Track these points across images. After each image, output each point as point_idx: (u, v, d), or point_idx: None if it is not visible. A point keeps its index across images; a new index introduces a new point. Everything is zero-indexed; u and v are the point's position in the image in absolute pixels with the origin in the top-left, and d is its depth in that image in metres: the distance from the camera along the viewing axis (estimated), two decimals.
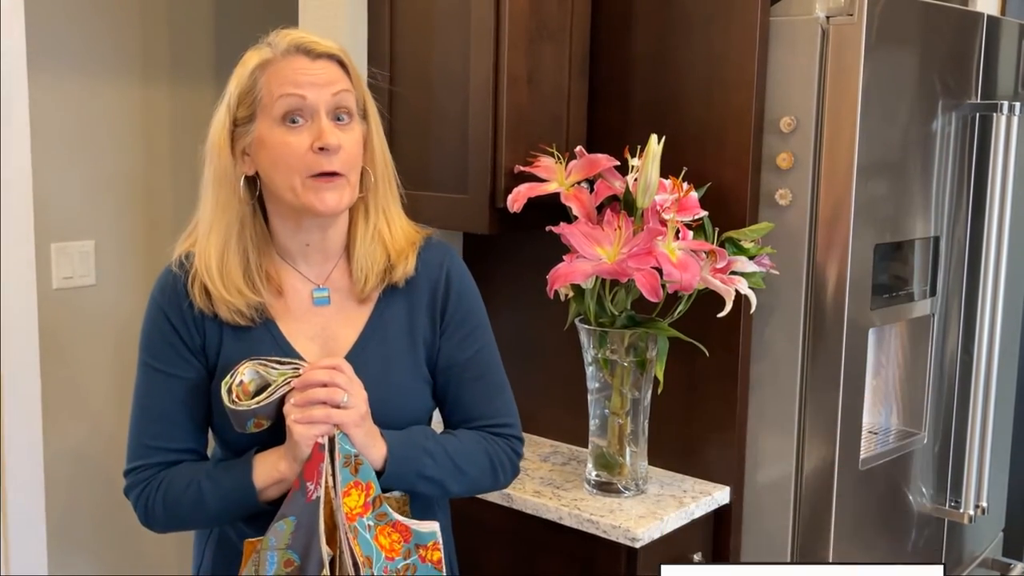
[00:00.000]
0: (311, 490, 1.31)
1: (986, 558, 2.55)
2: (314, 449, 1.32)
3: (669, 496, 1.92)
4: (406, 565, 1.37)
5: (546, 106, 1.96)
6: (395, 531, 1.36)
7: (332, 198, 1.35)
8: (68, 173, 2.47)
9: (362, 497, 1.33)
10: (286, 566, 1.32)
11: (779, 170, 1.89)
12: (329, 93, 1.35)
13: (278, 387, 1.34)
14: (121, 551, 2.67)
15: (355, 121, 1.39)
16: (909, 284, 2.08)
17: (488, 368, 1.52)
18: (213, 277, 1.38)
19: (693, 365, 1.96)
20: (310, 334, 1.44)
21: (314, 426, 1.31)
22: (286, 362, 1.37)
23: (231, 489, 1.38)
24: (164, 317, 1.43)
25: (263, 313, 1.41)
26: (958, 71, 2.10)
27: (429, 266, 1.49)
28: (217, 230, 1.39)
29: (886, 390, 2.20)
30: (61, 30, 2.42)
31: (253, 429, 1.35)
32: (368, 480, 1.34)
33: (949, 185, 2.12)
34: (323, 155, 1.34)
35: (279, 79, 1.35)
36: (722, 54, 1.89)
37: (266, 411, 1.34)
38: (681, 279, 1.70)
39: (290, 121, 1.34)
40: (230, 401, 1.33)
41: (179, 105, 2.67)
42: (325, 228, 1.43)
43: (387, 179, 1.46)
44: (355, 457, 1.34)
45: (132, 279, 2.62)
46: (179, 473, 1.42)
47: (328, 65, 1.37)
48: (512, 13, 1.86)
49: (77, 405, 2.53)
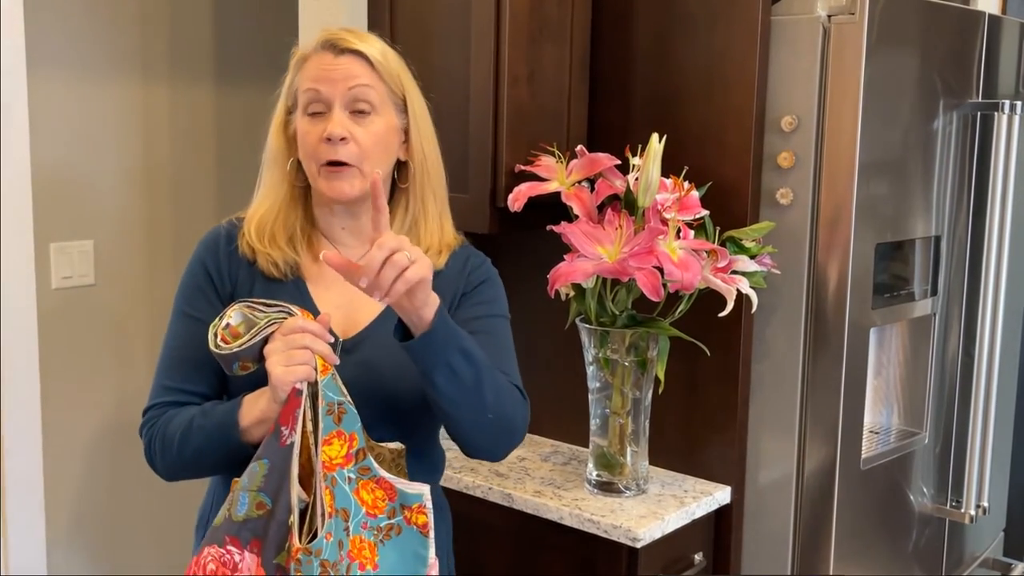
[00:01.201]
0: (285, 435, 1.30)
1: (987, 558, 2.54)
2: (291, 394, 1.30)
3: (670, 496, 1.92)
4: (389, 525, 1.35)
5: (547, 105, 1.96)
6: (379, 487, 1.34)
7: (339, 186, 1.44)
8: (67, 173, 2.47)
9: (344, 448, 1.32)
10: (258, 508, 1.31)
11: (780, 169, 1.89)
12: (345, 87, 1.43)
13: (261, 329, 1.33)
14: (121, 551, 2.66)
15: (377, 115, 1.45)
16: (910, 284, 2.08)
17: (498, 332, 1.55)
18: (263, 236, 1.48)
19: (694, 365, 1.96)
20: (337, 303, 1.48)
21: (292, 370, 1.29)
22: (273, 305, 1.36)
23: (217, 425, 1.40)
24: (201, 264, 1.51)
25: (296, 271, 1.49)
26: (959, 70, 2.10)
27: (460, 264, 1.55)
28: (266, 204, 1.51)
29: (887, 390, 2.20)
30: (60, 29, 2.42)
31: (240, 372, 1.34)
32: (352, 431, 1.32)
33: (950, 184, 2.12)
34: (329, 145, 1.42)
35: (305, 74, 1.47)
36: (723, 53, 1.89)
37: (250, 353, 1.33)
38: (682, 278, 1.70)
39: (311, 113, 1.45)
40: (215, 345, 1.33)
41: (179, 104, 2.67)
42: (355, 215, 1.50)
43: (427, 172, 1.52)
44: (339, 405, 1.32)
45: (131, 279, 2.62)
46: (182, 411, 1.45)
47: (351, 61, 1.44)
48: (512, 12, 1.86)
49: (76, 405, 2.52)
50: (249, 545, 1.31)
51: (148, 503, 2.67)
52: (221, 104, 2.75)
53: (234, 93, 2.77)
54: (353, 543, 1.31)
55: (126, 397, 2.60)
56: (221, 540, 1.32)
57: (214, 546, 1.32)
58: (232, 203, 2.78)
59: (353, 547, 1.31)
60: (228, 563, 1.32)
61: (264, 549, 1.31)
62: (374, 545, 1.34)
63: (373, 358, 1.45)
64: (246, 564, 1.31)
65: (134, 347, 2.62)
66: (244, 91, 2.79)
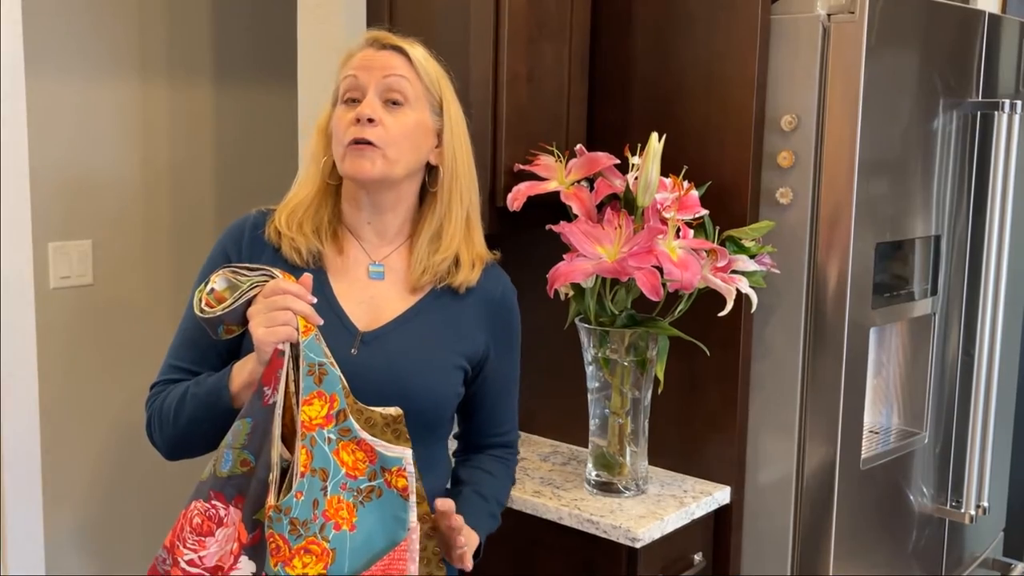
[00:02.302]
0: (267, 395, 1.31)
1: (987, 558, 2.54)
2: (273, 355, 1.31)
3: (669, 496, 1.91)
4: (370, 487, 1.35)
5: (546, 104, 1.96)
6: (360, 449, 1.34)
7: (360, 164, 1.45)
8: (65, 172, 2.46)
9: (324, 408, 1.32)
10: (242, 465, 1.32)
11: (780, 168, 1.88)
12: (381, 75, 1.47)
13: (243, 292, 1.34)
14: (119, 551, 2.66)
15: (410, 108, 1.48)
16: (910, 283, 2.07)
17: (516, 383, 1.66)
18: (282, 221, 1.51)
19: (694, 364, 1.95)
20: (359, 299, 1.51)
21: (273, 330, 1.30)
22: (256, 269, 1.37)
23: (208, 391, 1.41)
24: (222, 250, 1.54)
25: (318, 261, 1.51)
26: (959, 69, 2.10)
27: (489, 281, 1.58)
28: (300, 195, 1.53)
29: (887, 390, 2.20)
30: (59, 29, 2.42)
31: (225, 336, 1.35)
32: (332, 392, 1.33)
33: (950, 184, 2.12)
34: (357, 126, 1.45)
35: (347, 66, 1.51)
36: (723, 52, 1.89)
37: (234, 317, 1.34)
38: (682, 278, 1.70)
39: (346, 98, 1.48)
40: (199, 309, 1.33)
41: (177, 104, 2.67)
42: (381, 210, 1.52)
43: (456, 177, 1.54)
44: (319, 367, 1.32)
45: (130, 279, 2.61)
46: (180, 384, 1.47)
47: (391, 55, 1.49)
48: (512, 11, 1.85)
49: (75, 405, 2.52)
50: (233, 500, 1.33)
51: (147, 503, 2.67)
52: (220, 103, 2.74)
53: (233, 92, 2.77)
54: (330, 503, 1.31)
55: (125, 397, 2.59)
56: (206, 494, 1.33)
57: (200, 500, 1.33)
58: (231, 202, 2.80)
59: (330, 507, 1.31)
60: (213, 517, 1.33)
61: (246, 505, 1.32)
62: (353, 506, 1.34)
63: (392, 353, 1.47)
64: (230, 519, 1.33)
65: (132, 347, 2.61)
66: (243, 90, 2.78)
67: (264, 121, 2.79)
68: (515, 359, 1.64)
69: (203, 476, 1.34)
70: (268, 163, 2.75)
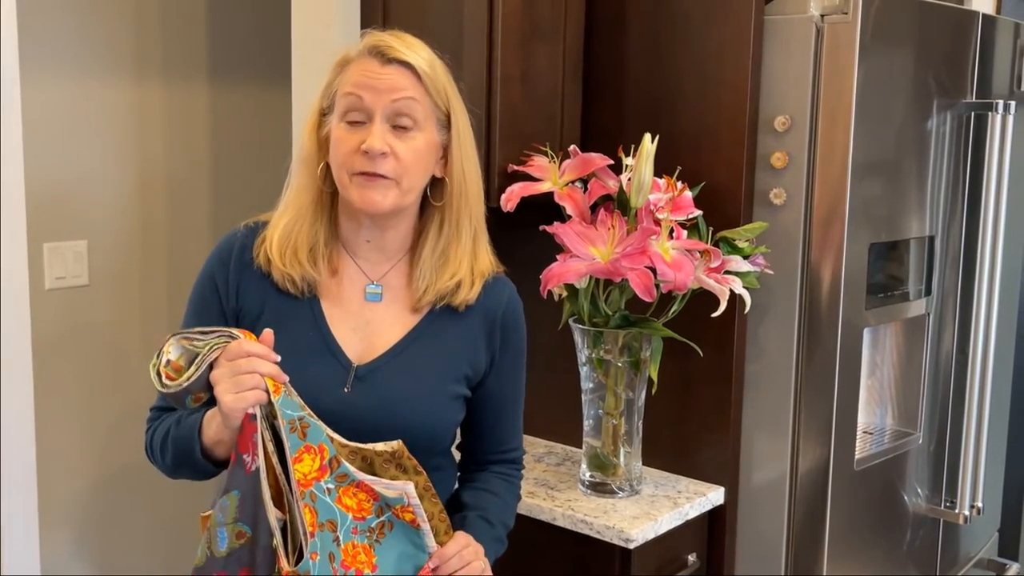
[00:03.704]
0: (248, 462, 1.28)
1: (981, 558, 2.54)
2: (245, 420, 1.27)
3: (663, 497, 1.91)
4: (380, 523, 1.33)
5: (540, 105, 1.96)
6: (360, 491, 1.32)
7: (372, 196, 1.37)
8: (61, 172, 2.46)
9: (316, 461, 1.29)
10: (239, 538, 1.29)
11: (774, 169, 1.89)
12: (389, 99, 1.37)
13: (205, 357, 1.29)
14: (115, 551, 2.66)
15: (419, 130, 1.39)
16: (904, 284, 2.08)
17: (521, 400, 1.60)
18: (284, 248, 1.42)
19: (687, 365, 1.95)
20: (353, 324, 1.44)
21: (242, 396, 1.25)
22: (210, 331, 1.32)
23: (184, 438, 1.38)
24: (210, 276, 1.47)
25: (313, 289, 1.44)
26: (953, 70, 2.10)
27: (490, 297, 1.51)
28: (293, 208, 1.44)
29: (881, 390, 2.20)
30: (54, 29, 2.41)
31: (193, 404, 1.32)
32: (319, 442, 1.30)
33: (944, 184, 2.12)
34: (367, 158, 1.36)
35: (347, 78, 1.39)
36: (716, 53, 1.89)
37: (199, 385, 1.29)
38: (675, 279, 1.70)
39: (349, 119, 1.38)
40: (161, 384, 1.29)
41: (173, 104, 2.67)
42: (383, 228, 1.45)
43: (465, 194, 1.46)
44: (300, 420, 1.29)
45: (125, 279, 2.61)
46: (169, 417, 1.44)
47: (398, 71, 1.38)
48: (505, 12, 1.85)
49: (70, 406, 2.52)
50: (239, 575, 1.30)
51: (143, 503, 2.67)
52: (215, 103, 2.74)
53: (228, 92, 2.77)
54: (346, 551, 1.30)
55: (120, 397, 2.59)
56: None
57: None
58: (227, 202, 2.80)
59: (346, 555, 1.30)
60: None
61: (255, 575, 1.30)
62: (369, 547, 1.33)
63: (388, 386, 1.42)
64: None
65: (128, 347, 2.61)
66: (238, 90, 2.78)
67: (259, 121, 2.79)
68: (519, 376, 1.57)
69: (198, 562, 1.32)
70: (264, 163, 2.75)
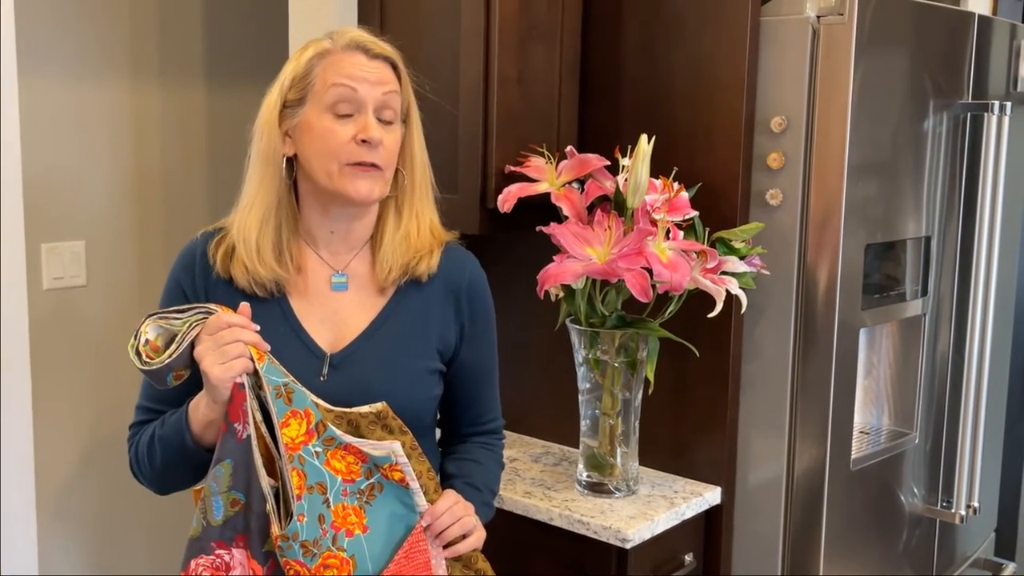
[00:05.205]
0: (239, 430, 1.31)
1: (978, 558, 2.55)
2: (234, 389, 1.30)
3: (660, 497, 1.92)
4: (370, 485, 1.35)
5: (537, 106, 1.96)
6: (348, 453, 1.34)
7: (365, 187, 1.41)
8: (59, 173, 2.47)
9: (303, 425, 1.32)
10: (233, 505, 1.32)
11: (770, 170, 1.89)
12: (380, 92, 1.42)
13: (185, 334, 1.32)
14: (113, 551, 2.66)
15: (398, 123, 1.46)
16: (900, 284, 2.08)
17: (495, 370, 1.63)
18: (250, 249, 1.43)
19: (684, 365, 1.96)
20: (321, 316, 1.47)
21: (229, 365, 1.29)
22: (187, 309, 1.35)
23: (173, 433, 1.40)
24: (177, 285, 1.49)
25: (280, 288, 1.46)
26: (949, 71, 2.10)
27: (451, 267, 1.54)
28: (259, 205, 1.45)
29: (877, 390, 2.20)
30: (52, 30, 2.42)
31: (175, 383, 1.34)
32: (305, 407, 1.33)
33: (940, 185, 2.12)
34: (365, 147, 1.40)
35: (335, 70, 1.42)
36: (712, 54, 1.89)
37: (181, 362, 1.32)
38: (671, 279, 1.70)
39: (339, 110, 1.41)
40: (141, 363, 1.32)
41: (169, 105, 2.67)
42: (352, 219, 1.48)
43: (423, 184, 1.52)
44: (285, 387, 1.32)
45: (123, 279, 2.61)
46: (151, 425, 1.46)
47: (382, 66, 1.45)
48: (502, 14, 1.86)
49: (68, 406, 2.52)
50: (234, 541, 1.32)
51: (140, 503, 2.67)
52: (212, 104, 2.75)
53: (225, 94, 2.77)
54: (336, 512, 1.32)
55: (118, 398, 2.59)
56: (207, 548, 1.33)
57: (201, 556, 1.33)
58: (224, 203, 2.77)
59: (336, 516, 1.32)
60: (220, 566, 1.33)
61: (251, 542, 1.32)
62: (360, 508, 1.34)
63: (362, 371, 1.44)
64: (236, 560, 1.32)
65: (126, 348, 2.61)
66: (235, 91, 2.78)
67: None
68: (489, 346, 1.60)
69: (194, 533, 1.34)
70: None
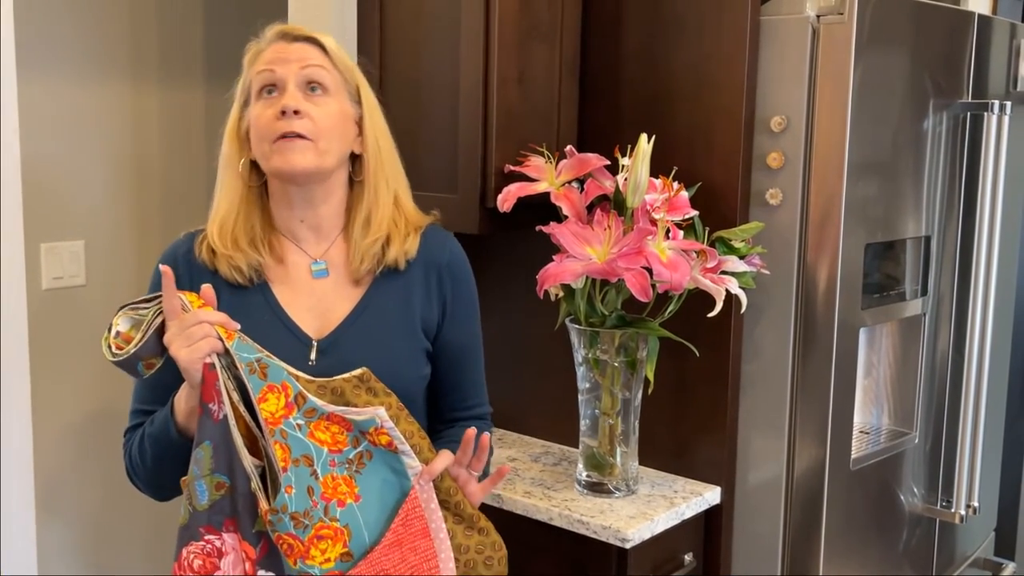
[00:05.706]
0: (215, 411, 1.30)
1: (978, 558, 2.55)
2: (205, 370, 1.30)
3: (660, 496, 1.92)
4: (359, 453, 1.34)
5: (536, 106, 1.96)
6: (332, 423, 1.33)
7: (292, 157, 1.41)
8: (58, 173, 2.46)
9: (281, 399, 1.31)
10: (218, 489, 1.31)
11: (770, 170, 1.89)
12: (299, 67, 1.44)
13: (150, 322, 1.32)
14: (112, 551, 2.66)
15: (331, 96, 1.46)
16: (900, 284, 2.08)
17: (480, 352, 1.63)
18: (225, 240, 1.46)
19: (684, 365, 1.96)
20: (307, 304, 1.49)
21: (196, 347, 1.29)
22: (154, 297, 1.35)
23: (160, 430, 1.41)
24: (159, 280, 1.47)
25: (261, 275, 1.48)
26: (949, 70, 2.10)
27: (431, 249, 1.55)
28: (225, 207, 1.49)
29: (877, 390, 2.20)
30: (51, 31, 2.42)
31: (147, 372, 1.34)
32: (282, 380, 1.32)
33: (940, 185, 2.12)
34: (285, 119, 1.41)
35: (259, 62, 1.47)
36: (712, 54, 1.89)
37: (149, 349, 1.32)
38: (671, 279, 1.70)
39: (266, 93, 1.45)
40: (111, 354, 1.32)
41: (169, 105, 2.67)
42: (312, 203, 1.49)
43: (381, 163, 1.52)
44: (258, 362, 1.31)
45: (122, 279, 2.61)
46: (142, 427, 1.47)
47: (304, 46, 1.47)
48: (502, 14, 1.86)
49: (67, 406, 2.52)
50: (224, 526, 1.32)
51: (139, 503, 2.66)
52: (211, 105, 2.74)
53: (224, 94, 2.75)
54: (325, 483, 1.31)
55: (117, 398, 2.58)
56: (196, 534, 1.32)
57: (191, 543, 1.32)
58: None
59: (326, 488, 1.31)
60: (212, 551, 1.32)
61: (240, 524, 1.31)
62: (350, 478, 1.34)
63: (348, 356, 1.45)
64: (228, 544, 1.32)
65: None
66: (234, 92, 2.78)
67: None
68: (474, 329, 1.60)
69: (182, 520, 1.33)
70: None
